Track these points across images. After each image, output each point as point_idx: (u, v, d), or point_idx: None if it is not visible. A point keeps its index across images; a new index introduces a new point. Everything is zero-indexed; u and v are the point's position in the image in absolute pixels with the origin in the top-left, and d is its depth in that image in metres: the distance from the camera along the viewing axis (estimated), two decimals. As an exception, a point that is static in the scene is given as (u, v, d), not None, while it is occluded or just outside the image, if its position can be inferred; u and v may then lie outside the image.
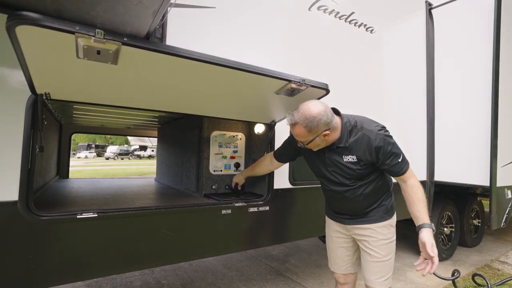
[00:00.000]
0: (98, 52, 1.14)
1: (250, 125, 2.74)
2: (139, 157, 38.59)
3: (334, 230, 1.92)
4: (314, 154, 1.76)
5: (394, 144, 1.62)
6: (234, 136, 2.67)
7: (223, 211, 2.09)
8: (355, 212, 1.77)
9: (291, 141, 1.96)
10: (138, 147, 37.04)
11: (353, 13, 3.02)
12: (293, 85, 1.65)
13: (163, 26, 1.97)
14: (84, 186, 3.02)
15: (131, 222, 1.77)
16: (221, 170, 2.62)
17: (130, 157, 37.55)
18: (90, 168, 19.88)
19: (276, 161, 2.14)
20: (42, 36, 1.04)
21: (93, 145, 42.88)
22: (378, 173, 1.72)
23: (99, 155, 40.11)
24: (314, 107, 1.52)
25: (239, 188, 2.43)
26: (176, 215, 1.94)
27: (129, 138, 12.01)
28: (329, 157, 1.69)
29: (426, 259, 1.52)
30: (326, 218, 2.00)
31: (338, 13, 2.88)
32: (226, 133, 2.63)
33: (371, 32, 3.24)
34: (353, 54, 3.10)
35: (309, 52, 2.71)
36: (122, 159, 35.82)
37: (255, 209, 2.25)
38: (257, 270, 3.77)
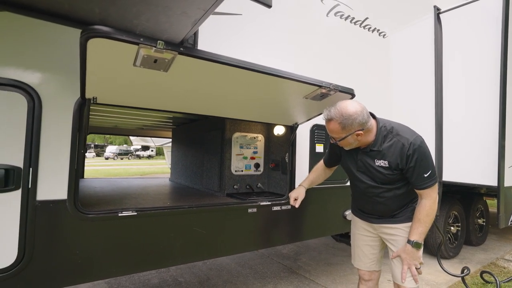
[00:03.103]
0: (155, 61, 1.23)
1: (269, 126, 2.83)
2: (138, 157, 38.63)
3: (361, 228, 1.97)
4: (347, 154, 1.82)
5: (426, 158, 1.61)
6: (255, 138, 2.76)
7: (249, 210, 2.18)
8: (383, 213, 1.82)
9: (331, 144, 1.96)
10: (140, 147, 37.09)
11: (367, 18, 3.12)
12: (323, 90, 1.74)
13: (195, 32, 2.06)
14: (106, 186, 3.10)
15: (166, 220, 1.85)
16: (242, 171, 2.71)
17: (130, 157, 37.58)
18: (91, 168, 19.87)
19: (328, 168, 2.15)
20: (107, 46, 1.12)
21: (92, 145, 42.85)
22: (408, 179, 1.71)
23: (98, 155, 40.11)
24: (351, 106, 1.57)
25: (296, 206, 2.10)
26: (207, 213, 2.02)
27: (132, 138, 12.02)
28: (361, 159, 1.75)
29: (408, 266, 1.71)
30: (352, 216, 2.05)
31: (353, 18, 2.98)
32: (247, 135, 2.72)
33: (383, 37, 3.34)
34: (367, 57, 3.20)
35: (326, 55, 2.81)
36: (122, 159, 35.84)
37: (278, 207, 2.33)
38: (270, 268, 3.85)
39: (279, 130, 2.68)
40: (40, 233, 1.49)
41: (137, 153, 39.00)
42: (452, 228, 4.31)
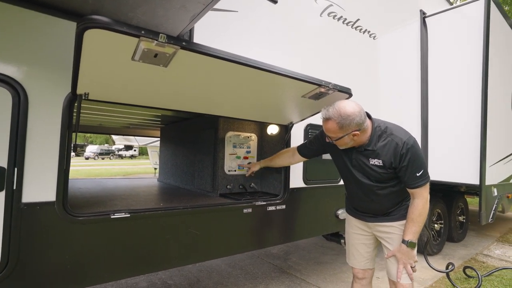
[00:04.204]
0: (155, 55, 1.17)
1: (262, 126, 2.81)
2: (120, 157, 37.60)
3: (356, 227, 1.99)
4: (342, 153, 1.82)
5: (419, 158, 1.64)
6: (248, 137, 2.72)
7: (245, 210, 2.15)
8: (377, 211, 1.84)
9: (319, 137, 1.99)
10: (122, 146, 36.07)
11: (358, 19, 3.16)
12: (322, 90, 1.74)
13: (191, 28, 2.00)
14: (93, 187, 2.96)
15: (160, 222, 1.79)
16: (235, 170, 2.67)
17: (111, 157, 36.51)
18: (70, 168, 19.06)
19: (298, 155, 2.16)
20: (105, 38, 1.06)
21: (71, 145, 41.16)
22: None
23: (77, 154, 38.67)
24: (349, 106, 1.59)
25: (252, 175, 2.60)
26: (202, 214, 1.97)
27: (114, 137, 11.68)
28: (356, 158, 1.76)
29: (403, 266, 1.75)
30: (347, 215, 2.06)
31: (345, 19, 3.01)
32: (240, 134, 2.68)
33: (373, 38, 3.39)
34: (358, 57, 3.24)
35: (318, 54, 2.82)
36: (103, 159, 34.75)
37: (273, 207, 2.32)
38: (260, 268, 3.83)
39: (272, 130, 2.66)
40: (26, 238, 1.39)
41: (119, 152, 37.92)
42: (435, 225, 4.46)
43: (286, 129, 2.45)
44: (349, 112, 1.57)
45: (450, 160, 3.80)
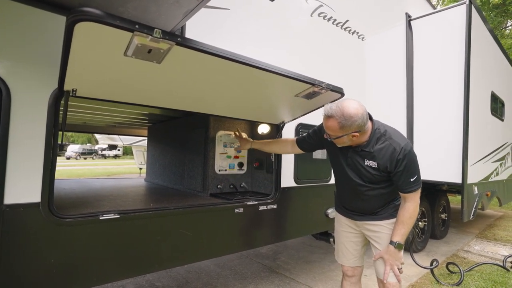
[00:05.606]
0: (149, 51, 1.14)
1: (253, 125, 2.79)
2: (103, 156, 36.64)
3: (345, 225, 2.01)
4: (338, 151, 1.83)
5: (414, 164, 1.66)
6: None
7: (236, 210, 2.13)
8: (366, 210, 1.87)
9: (317, 132, 1.97)
10: (106, 146, 35.11)
11: (347, 20, 3.20)
12: (315, 89, 1.74)
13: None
14: (78, 188, 2.86)
15: (150, 223, 1.74)
16: (225, 170, 2.65)
17: (94, 157, 35.51)
18: (50, 168, 18.38)
19: (297, 147, 2.12)
20: (96, 32, 1.01)
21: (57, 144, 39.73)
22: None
23: (58, 154, 37.34)
24: (353, 107, 1.57)
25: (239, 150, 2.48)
26: (193, 214, 1.93)
27: (98, 136, 11.35)
28: (351, 157, 1.78)
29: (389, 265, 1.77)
30: (336, 213, 2.08)
31: (335, 20, 3.04)
32: (231, 133, 2.66)
33: (362, 39, 3.45)
34: (347, 58, 3.29)
35: (309, 54, 2.84)
36: (85, 158, 33.75)
37: (264, 207, 2.31)
38: (250, 268, 3.81)
39: (263, 129, 2.65)
40: (8, 241, 1.32)
41: (103, 152, 36.92)
42: (420, 223, 4.58)
43: (277, 129, 2.45)
44: (352, 114, 1.56)
45: (434, 160, 3.92)
